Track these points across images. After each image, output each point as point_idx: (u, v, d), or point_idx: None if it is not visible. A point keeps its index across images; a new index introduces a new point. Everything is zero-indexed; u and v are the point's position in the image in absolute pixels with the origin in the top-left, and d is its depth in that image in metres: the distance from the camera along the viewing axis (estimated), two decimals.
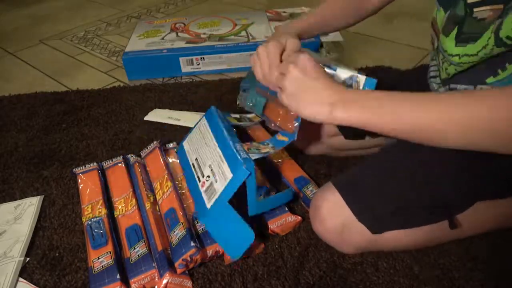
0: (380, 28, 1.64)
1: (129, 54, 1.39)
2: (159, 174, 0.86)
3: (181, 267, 0.69)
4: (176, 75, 1.41)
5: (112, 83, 1.40)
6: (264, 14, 1.63)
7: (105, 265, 0.72)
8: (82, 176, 0.90)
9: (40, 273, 0.75)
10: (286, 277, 0.71)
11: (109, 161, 0.95)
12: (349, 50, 1.49)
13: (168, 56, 1.38)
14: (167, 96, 1.28)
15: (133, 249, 0.74)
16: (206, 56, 1.38)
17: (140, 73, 1.40)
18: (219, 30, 1.52)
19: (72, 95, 1.31)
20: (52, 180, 0.97)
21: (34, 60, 1.61)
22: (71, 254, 0.78)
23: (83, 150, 1.06)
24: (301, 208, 0.84)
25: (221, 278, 0.71)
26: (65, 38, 1.79)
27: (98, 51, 1.65)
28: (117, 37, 1.78)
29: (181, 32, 1.53)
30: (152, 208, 0.80)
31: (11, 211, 0.88)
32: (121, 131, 1.12)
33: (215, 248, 0.73)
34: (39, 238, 0.82)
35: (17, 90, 1.36)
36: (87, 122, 1.17)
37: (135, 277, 0.70)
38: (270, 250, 0.76)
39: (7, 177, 0.99)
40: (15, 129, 1.17)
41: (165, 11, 2.04)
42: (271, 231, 0.78)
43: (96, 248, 0.75)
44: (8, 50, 1.71)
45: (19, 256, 0.77)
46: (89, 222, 0.80)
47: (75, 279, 0.73)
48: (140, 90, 1.32)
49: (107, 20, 1.97)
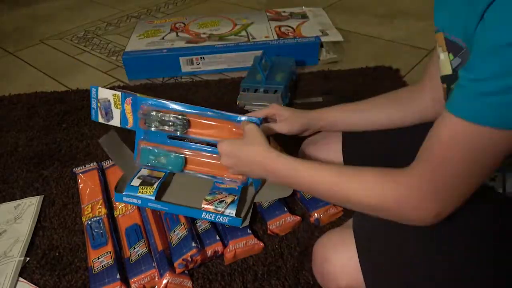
0: (380, 28, 1.64)
1: (129, 54, 1.39)
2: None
3: (180, 267, 0.69)
4: (176, 75, 1.41)
5: (112, 83, 1.40)
6: (264, 14, 1.63)
7: (105, 265, 0.72)
8: (82, 176, 0.90)
9: (40, 273, 0.75)
10: (286, 277, 0.71)
11: (109, 161, 0.95)
12: (349, 50, 1.49)
13: (168, 56, 1.38)
14: (167, 96, 1.27)
15: (133, 249, 0.74)
16: (206, 56, 1.38)
17: (140, 73, 1.40)
18: (219, 30, 1.52)
19: (72, 95, 1.31)
20: (52, 180, 0.97)
21: (34, 60, 1.61)
22: (71, 254, 0.78)
23: (83, 150, 1.06)
24: (300, 208, 0.84)
25: (221, 278, 0.71)
26: (65, 38, 1.79)
27: (98, 51, 1.65)
28: (117, 37, 1.78)
29: (181, 32, 1.53)
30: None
31: (11, 211, 0.88)
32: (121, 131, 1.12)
33: (215, 248, 0.73)
34: (39, 238, 0.82)
35: (17, 90, 1.36)
36: (87, 122, 1.17)
37: (135, 277, 0.70)
38: (270, 250, 0.76)
39: (7, 177, 0.99)
40: (15, 129, 1.17)
41: (165, 11, 2.04)
42: (270, 231, 0.78)
43: (96, 248, 0.75)
44: (8, 50, 1.71)
45: (19, 256, 0.77)
46: (89, 222, 0.80)
47: (75, 279, 0.73)
48: (140, 90, 1.32)
49: (107, 20, 1.97)
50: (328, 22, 1.54)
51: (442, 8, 0.50)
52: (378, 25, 1.68)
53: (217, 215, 0.71)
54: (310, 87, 1.27)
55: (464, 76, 0.40)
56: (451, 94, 0.42)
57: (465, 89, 0.40)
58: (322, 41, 1.40)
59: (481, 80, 0.38)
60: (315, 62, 1.41)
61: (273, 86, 1.14)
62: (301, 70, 1.36)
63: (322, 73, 1.34)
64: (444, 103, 0.43)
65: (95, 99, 0.80)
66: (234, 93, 1.22)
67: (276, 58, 1.28)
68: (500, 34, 0.36)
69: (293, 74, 1.27)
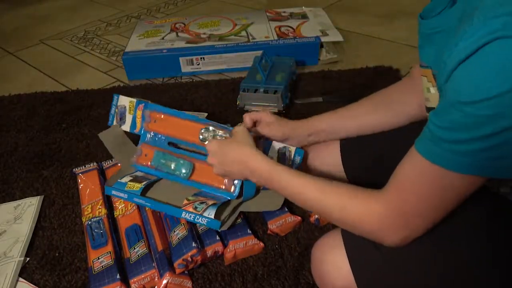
0: (380, 28, 1.64)
1: (129, 54, 1.39)
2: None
3: (180, 267, 0.69)
4: (176, 75, 1.41)
5: (112, 83, 1.40)
6: (264, 14, 1.63)
7: (105, 265, 0.72)
8: (82, 176, 0.90)
9: (40, 273, 0.75)
10: (286, 277, 0.71)
11: (109, 161, 0.95)
12: (349, 50, 1.49)
13: (168, 56, 1.38)
14: (167, 96, 1.28)
15: (133, 249, 0.74)
16: (206, 56, 1.38)
17: (140, 73, 1.40)
18: (219, 30, 1.52)
19: (72, 95, 1.31)
20: (52, 180, 0.97)
21: (34, 60, 1.61)
22: (71, 254, 0.78)
23: (83, 150, 1.06)
24: (300, 208, 0.84)
25: (221, 278, 0.71)
26: (65, 38, 1.79)
27: (98, 51, 1.65)
28: (117, 37, 1.77)
29: (181, 32, 1.53)
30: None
31: (11, 211, 0.88)
32: None
33: (215, 248, 0.73)
34: (39, 238, 0.82)
35: (17, 90, 1.36)
36: (87, 122, 1.17)
37: (135, 277, 0.70)
38: (270, 250, 0.76)
39: (7, 177, 0.99)
40: (15, 129, 1.17)
41: (165, 11, 2.04)
42: (270, 231, 0.78)
43: (96, 248, 0.75)
44: (8, 50, 1.71)
45: (19, 256, 0.77)
46: (89, 222, 0.80)
47: (75, 279, 0.73)
48: (140, 90, 1.32)
49: (107, 20, 1.97)
50: (328, 22, 1.54)
51: (429, 45, 0.51)
52: (378, 25, 1.68)
53: (196, 215, 0.72)
54: (310, 87, 1.27)
55: (431, 119, 0.43)
56: (421, 133, 0.45)
57: (430, 132, 0.43)
58: (322, 41, 1.40)
59: (441, 128, 0.41)
60: (315, 62, 1.41)
61: (273, 86, 1.14)
62: (301, 70, 1.36)
63: (322, 73, 1.34)
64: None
65: (115, 105, 0.87)
66: (234, 93, 1.22)
67: (276, 58, 1.28)
68: (462, 92, 0.38)
69: (293, 74, 1.27)
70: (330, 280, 0.57)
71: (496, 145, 0.39)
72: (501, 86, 0.35)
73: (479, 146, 0.39)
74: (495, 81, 0.35)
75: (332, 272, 0.57)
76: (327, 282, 0.58)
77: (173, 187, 0.81)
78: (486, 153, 0.39)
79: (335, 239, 0.58)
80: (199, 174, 0.80)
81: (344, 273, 0.55)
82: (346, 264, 0.55)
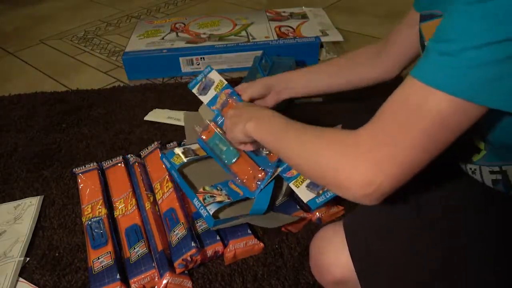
0: (380, 28, 1.64)
1: (129, 54, 1.39)
2: (159, 174, 0.86)
3: (180, 267, 0.69)
4: (176, 75, 1.41)
5: (112, 83, 1.40)
6: (264, 14, 1.63)
7: (105, 265, 0.72)
8: (82, 176, 0.90)
9: (40, 273, 0.75)
10: (286, 277, 0.71)
11: (109, 161, 0.95)
12: (349, 50, 1.49)
13: (168, 56, 1.38)
14: (167, 96, 1.28)
15: (133, 249, 0.74)
16: (206, 56, 1.38)
17: (140, 73, 1.40)
18: (219, 30, 1.52)
19: (72, 95, 1.31)
20: (52, 180, 0.97)
21: (34, 60, 1.61)
22: (71, 254, 0.78)
23: (83, 150, 1.06)
24: None
25: (221, 278, 0.71)
26: (65, 38, 1.79)
27: (98, 51, 1.65)
28: (117, 37, 1.77)
29: (181, 32, 1.53)
30: (152, 208, 0.80)
31: (11, 211, 0.88)
32: (121, 131, 1.12)
33: (215, 248, 0.73)
34: (39, 238, 0.82)
35: (17, 90, 1.36)
36: (87, 122, 1.17)
37: (135, 277, 0.70)
38: (270, 250, 0.76)
39: (7, 177, 0.99)
40: (15, 129, 1.16)
41: (165, 11, 2.04)
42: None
43: (96, 248, 0.75)
44: (8, 50, 1.71)
45: (19, 256, 0.77)
46: (89, 222, 0.80)
47: (75, 279, 0.73)
48: (140, 90, 1.32)
49: (107, 20, 1.97)
50: (328, 22, 1.54)
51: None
52: (378, 25, 1.68)
53: (202, 206, 0.72)
54: None
55: (429, 41, 0.39)
56: (425, 63, 0.40)
57: (426, 52, 0.39)
58: (322, 41, 1.40)
59: (438, 41, 0.39)
60: (315, 62, 1.41)
61: None
62: None
63: None
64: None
65: (203, 75, 0.89)
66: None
67: (276, 58, 1.28)
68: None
69: None
70: (329, 270, 0.56)
71: (497, 60, 0.35)
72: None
73: (476, 58, 0.35)
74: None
75: (330, 262, 0.56)
76: (326, 273, 0.57)
77: (208, 172, 0.82)
78: (483, 69, 0.35)
79: (335, 230, 0.58)
80: (237, 165, 0.80)
81: (342, 262, 0.54)
82: (346, 253, 0.54)
